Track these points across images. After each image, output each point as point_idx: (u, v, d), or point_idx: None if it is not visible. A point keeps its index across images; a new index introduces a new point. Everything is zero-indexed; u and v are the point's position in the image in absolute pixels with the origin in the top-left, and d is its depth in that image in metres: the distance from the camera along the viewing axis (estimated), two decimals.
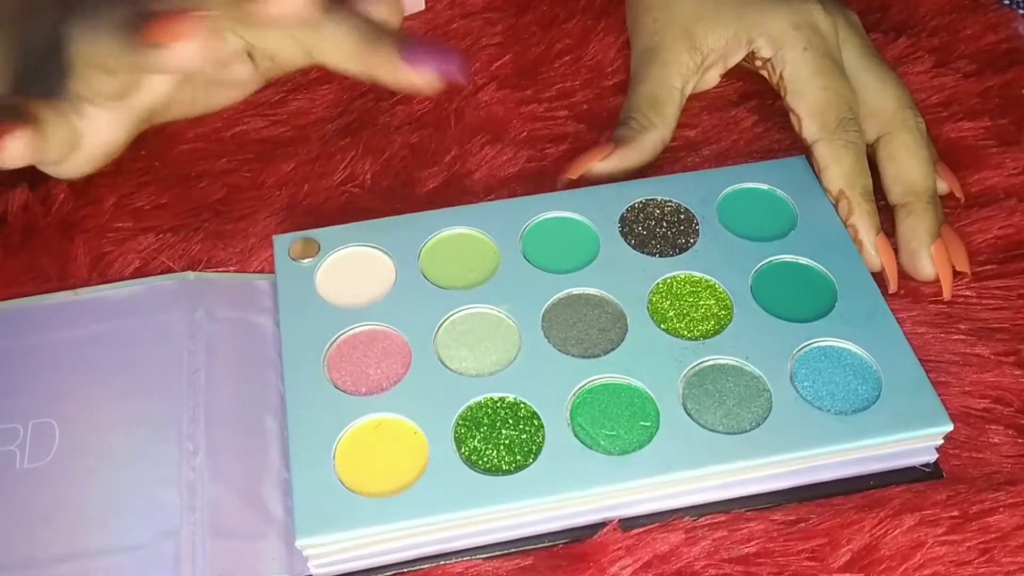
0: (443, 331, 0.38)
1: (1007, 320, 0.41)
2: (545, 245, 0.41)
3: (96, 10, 0.37)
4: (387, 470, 0.35)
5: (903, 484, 0.36)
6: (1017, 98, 0.49)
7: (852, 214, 0.42)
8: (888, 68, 0.45)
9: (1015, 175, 0.46)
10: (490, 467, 0.35)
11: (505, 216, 0.41)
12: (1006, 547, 0.35)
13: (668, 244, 0.41)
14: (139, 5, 0.36)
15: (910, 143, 0.43)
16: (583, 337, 0.38)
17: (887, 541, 0.35)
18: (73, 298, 0.41)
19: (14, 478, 0.36)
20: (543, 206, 0.42)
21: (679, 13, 0.47)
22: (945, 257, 0.41)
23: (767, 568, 0.34)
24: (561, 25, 0.52)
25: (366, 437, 0.36)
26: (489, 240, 0.41)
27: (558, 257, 0.40)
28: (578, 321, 0.38)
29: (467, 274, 0.40)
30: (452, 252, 0.41)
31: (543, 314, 0.38)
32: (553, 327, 0.38)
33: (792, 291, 0.39)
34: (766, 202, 0.42)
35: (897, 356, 0.37)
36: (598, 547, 0.35)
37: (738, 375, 0.37)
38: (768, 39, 0.45)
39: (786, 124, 0.47)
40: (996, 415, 0.38)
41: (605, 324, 0.38)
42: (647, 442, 0.35)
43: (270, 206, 0.45)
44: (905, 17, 0.53)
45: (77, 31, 0.37)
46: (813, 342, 0.37)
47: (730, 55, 0.47)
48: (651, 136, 0.45)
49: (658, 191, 0.42)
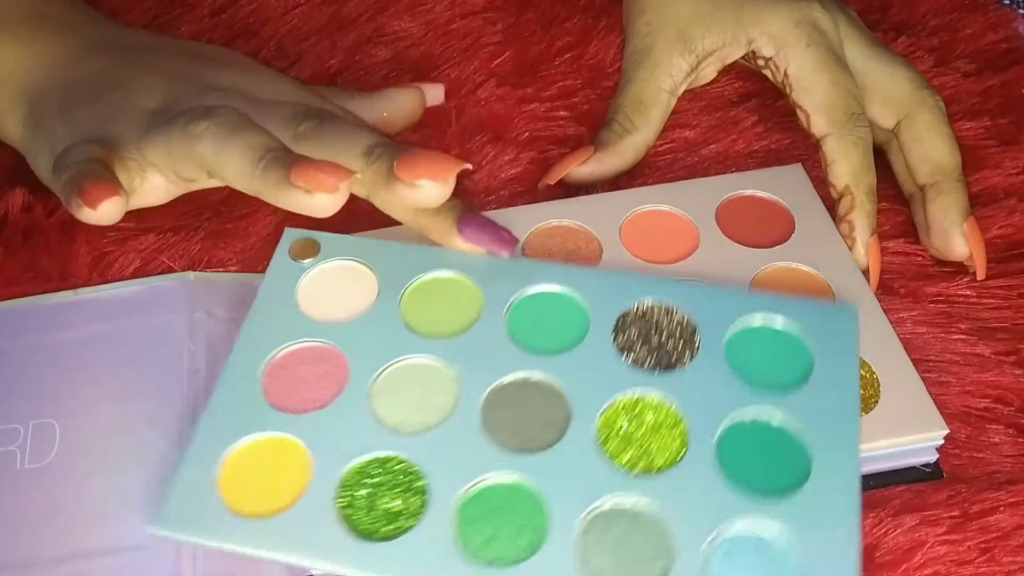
0: (387, 374, 0.36)
1: (1007, 319, 0.41)
2: (532, 316, 0.38)
3: (225, 119, 0.38)
4: (263, 491, 0.34)
5: (903, 484, 0.36)
6: (1017, 98, 0.49)
7: (852, 211, 0.42)
8: (895, 54, 0.45)
9: (1015, 175, 0.46)
10: (357, 527, 0.33)
11: (509, 273, 0.39)
12: (1007, 546, 0.35)
13: (657, 357, 0.36)
14: (277, 137, 0.38)
15: (933, 122, 0.43)
16: (519, 426, 0.35)
17: (887, 541, 0.35)
18: (73, 298, 0.41)
19: (15, 478, 0.36)
20: (546, 276, 0.39)
21: (674, 16, 0.47)
22: (979, 234, 0.41)
23: None
24: (562, 24, 0.52)
25: (261, 452, 0.35)
26: (480, 294, 0.38)
27: (538, 333, 0.37)
28: (523, 408, 0.35)
29: (441, 322, 0.38)
30: (438, 295, 0.39)
31: (491, 390, 0.36)
32: (495, 406, 0.35)
33: (761, 461, 0.34)
34: (785, 346, 0.36)
35: (894, 362, 0.37)
36: None
37: (649, 531, 0.32)
38: (769, 38, 0.45)
39: (787, 124, 0.47)
40: (996, 414, 0.38)
41: (548, 420, 0.35)
42: (513, 563, 0.32)
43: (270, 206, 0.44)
44: (905, 17, 0.53)
45: (207, 136, 0.38)
46: (742, 535, 0.32)
47: (728, 55, 0.47)
48: (632, 140, 0.45)
49: (665, 291, 0.38)
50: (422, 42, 0.52)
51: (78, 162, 0.39)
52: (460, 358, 0.36)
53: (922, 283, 0.42)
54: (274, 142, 0.37)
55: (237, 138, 0.37)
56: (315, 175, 0.36)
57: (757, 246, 0.41)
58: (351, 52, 0.51)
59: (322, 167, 0.36)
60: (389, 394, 0.36)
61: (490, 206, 0.45)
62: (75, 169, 0.39)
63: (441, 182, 0.36)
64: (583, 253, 0.41)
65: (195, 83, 0.42)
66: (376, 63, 0.51)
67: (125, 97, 0.41)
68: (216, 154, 0.38)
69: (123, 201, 0.38)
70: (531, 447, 0.34)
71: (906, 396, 0.36)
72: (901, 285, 0.42)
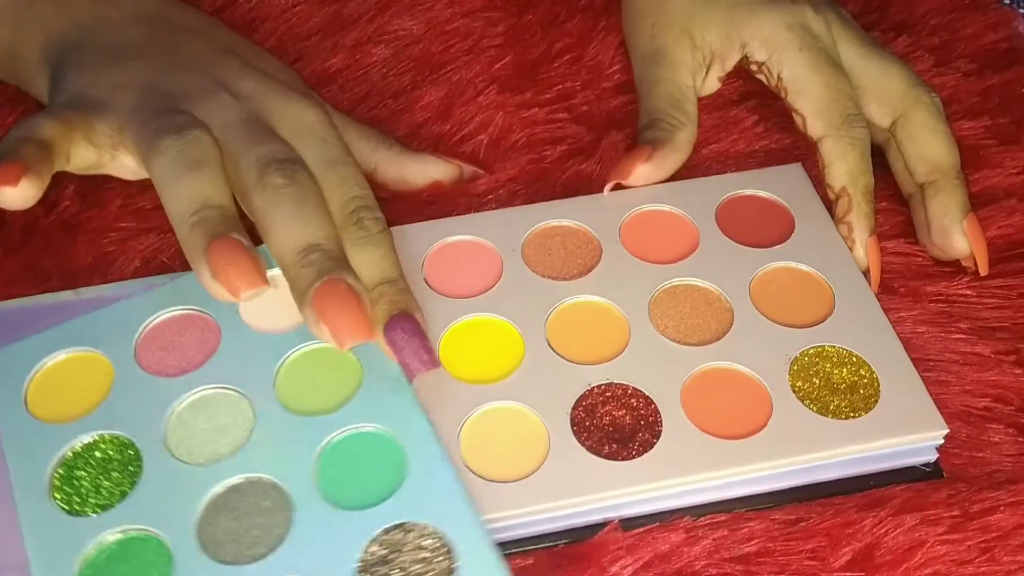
0: (186, 406, 0.36)
1: (1007, 319, 0.41)
2: (344, 468, 0.35)
3: (189, 148, 0.36)
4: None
5: (904, 483, 0.36)
6: (1017, 97, 0.49)
7: (850, 212, 0.41)
8: (889, 53, 0.45)
9: (1015, 174, 0.46)
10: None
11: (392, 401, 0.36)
12: (1007, 546, 0.35)
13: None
14: (223, 191, 0.36)
15: (928, 120, 0.43)
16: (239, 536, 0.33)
17: (888, 540, 0.35)
18: (74, 298, 0.41)
19: None
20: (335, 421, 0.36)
21: (674, 15, 0.47)
22: (979, 231, 0.41)
23: (768, 568, 0.34)
24: (562, 25, 0.52)
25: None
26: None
27: (352, 486, 0.35)
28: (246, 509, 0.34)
29: (314, 395, 0.37)
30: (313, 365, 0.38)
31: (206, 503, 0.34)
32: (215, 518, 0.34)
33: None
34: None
35: (893, 362, 0.37)
36: (598, 547, 0.35)
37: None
38: (761, 42, 0.45)
39: (787, 124, 0.47)
40: (996, 414, 0.38)
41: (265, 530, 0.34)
42: None
43: None
44: (905, 16, 0.53)
45: (164, 157, 0.36)
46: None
47: (726, 57, 0.47)
48: (684, 135, 0.45)
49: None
50: (421, 40, 0.52)
51: (17, 138, 0.37)
52: (261, 458, 0.35)
53: (922, 283, 0.42)
54: (221, 199, 0.35)
55: (188, 177, 0.35)
56: (226, 268, 0.33)
57: (757, 246, 0.41)
58: (352, 51, 0.51)
59: (237, 263, 0.33)
60: (194, 415, 0.36)
61: (490, 206, 0.45)
62: (7, 145, 0.37)
63: (341, 339, 0.33)
64: (581, 255, 0.41)
65: (211, 77, 0.40)
66: (376, 61, 0.51)
67: (136, 70, 0.40)
68: (161, 180, 0.36)
69: (29, 190, 0.36)
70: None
71: (906, 396, 0.36)
72: (901, 285, 0.42)
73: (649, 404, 0.36)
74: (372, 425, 0.36)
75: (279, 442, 0.35)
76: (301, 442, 0.35)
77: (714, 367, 0.37)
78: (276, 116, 0.39)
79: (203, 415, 0.36)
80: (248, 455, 0.35)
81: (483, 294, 0.40)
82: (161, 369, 0.38)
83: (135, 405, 0.36)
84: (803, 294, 0.39)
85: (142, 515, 0.34)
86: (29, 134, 0.37)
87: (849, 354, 0.38)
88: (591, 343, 0.38)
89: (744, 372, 0.37)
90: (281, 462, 0.35)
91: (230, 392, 0.37)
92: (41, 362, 0.37)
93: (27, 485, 0.35)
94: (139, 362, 0.38)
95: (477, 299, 0.39)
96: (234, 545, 0.33)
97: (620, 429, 0.36)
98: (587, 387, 0.37)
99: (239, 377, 0.37)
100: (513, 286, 0.40)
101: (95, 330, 0.38)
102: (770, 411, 0.36)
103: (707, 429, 0.36)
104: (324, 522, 0.33)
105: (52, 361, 0.38)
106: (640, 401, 0.36)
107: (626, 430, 0.36)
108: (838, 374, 0.37)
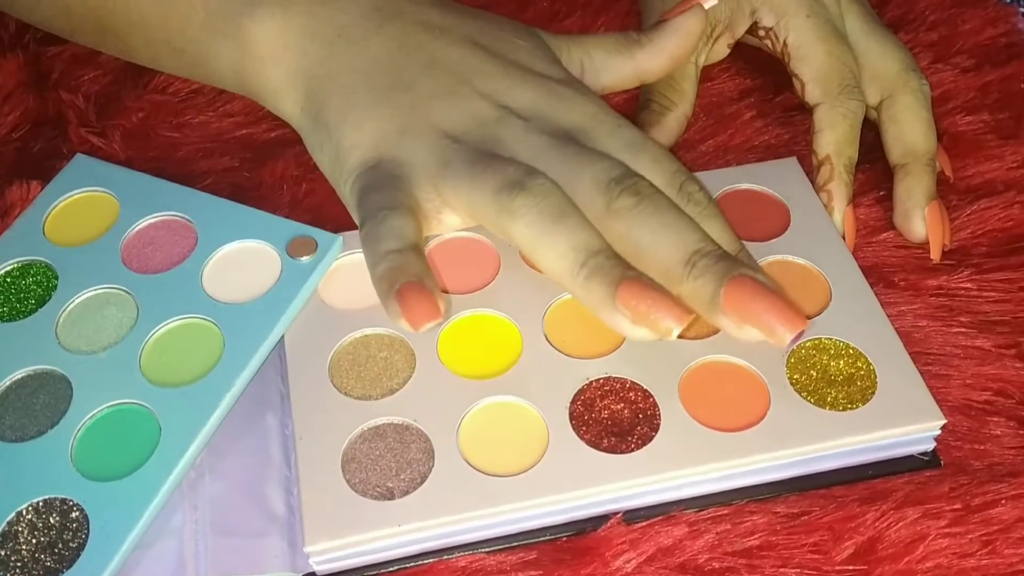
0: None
1: (1008, 313, 0.41)
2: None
3: (545, 202, 0.34)
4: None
5: (901, 473, 0.36)
6: (1016, 93, 0.49)
7: (831, 181, 0.42)
8: (891, 33, 0.46)
9: (1014, 168, 0.46)
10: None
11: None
12: (1008, 539, 0.34)
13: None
14: (599, 234, 0.35)
15: (912, 104, 0.44)
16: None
17: (890, 534, 0.35)
18: None
19: None
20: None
21: None
22: (938, 219, 0.42)
23: (770, 561, 0.34)
24: (561, 21, 0.52)
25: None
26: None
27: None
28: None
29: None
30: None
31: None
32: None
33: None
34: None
35: (890, 354, 0.37)
36: (602, 540, 0.35)
37: None
38: (770, 8, 0.45)
39: (785, 120, 0.47)
40: (997, 407, 0.38)
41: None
42: None
43: (271, 205, 0.45)
44: (904, 12, 0.53)
45: (524, 217, 0.35)
46: None
47: (736, 25, 0.47)
48: (674, 115, 0.45)
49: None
50: None
51: (393, 251, 0.35)
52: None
53: (922, 276, 0.42)
54: (598, 242, 0.34)
55: (558, 231, 0.34)
56: (645, 312, 0.32)
57: (753, 240, 0.41)
58: None
59: (654, 303, 0.32)
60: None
61: None
62: (391, 262, 0.35)
63: (781, 335, 0.33)
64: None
65: (490, 100, 0.38)
66: None
67: (413, 106, 0.38)
68: (532, 242, 0.35)
69: (441, 318, 0.34)
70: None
71: (903, 387, 0.36)
72: (901, 278, 0.42)
73: (647, 397, 0.36)
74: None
75: None
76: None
77: (712, 360, 0.37)
78: (566, 121, 0.38)
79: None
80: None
81: (481, 290, 0.40)
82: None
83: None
84: (800, 287, 0.39)
85: None
86: (402, 240, 0.35)
87: (846, 346, 0.38)
88: (589, 337, 0.38)
89: (742, 365, 0.37)
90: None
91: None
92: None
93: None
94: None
95: (475, 295, 0.39)
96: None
97: (619, 423, 0.36)
98: (585, 381, 0.37)
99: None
100: (511, 282, 0.40)
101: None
102: (768, 404, 0.36)
103: (705, 422, 0.35)
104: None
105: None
106: (638, 395, 0.36)
107: (625, 423, 0.36)
108: (835, 366, 0.37)
